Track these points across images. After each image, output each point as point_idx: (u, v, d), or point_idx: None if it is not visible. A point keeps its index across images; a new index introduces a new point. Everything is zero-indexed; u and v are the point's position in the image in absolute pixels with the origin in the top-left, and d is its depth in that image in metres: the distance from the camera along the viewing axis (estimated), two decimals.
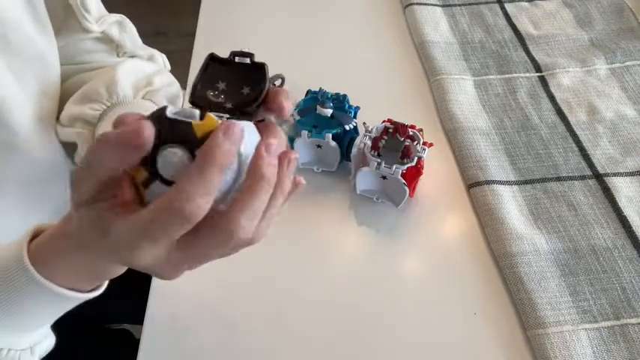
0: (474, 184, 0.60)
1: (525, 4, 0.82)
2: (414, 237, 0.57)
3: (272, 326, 0.51)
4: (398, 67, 0.75)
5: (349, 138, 0.60)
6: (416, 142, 0.57)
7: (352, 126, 0.60)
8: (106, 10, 0.60)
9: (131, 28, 0.61)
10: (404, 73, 0.74)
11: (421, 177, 0.58)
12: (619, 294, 0.52)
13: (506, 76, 0.72)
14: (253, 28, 0.81)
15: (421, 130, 0.58)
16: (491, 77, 0.72)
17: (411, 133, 0.58)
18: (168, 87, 0.61)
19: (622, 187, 0.59)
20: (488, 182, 0.59)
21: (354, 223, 0.59)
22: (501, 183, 0.60)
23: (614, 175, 0.60)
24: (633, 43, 0.74)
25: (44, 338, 0.43)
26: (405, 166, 0.55)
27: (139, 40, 0.63)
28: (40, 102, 0.53)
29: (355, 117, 0.60)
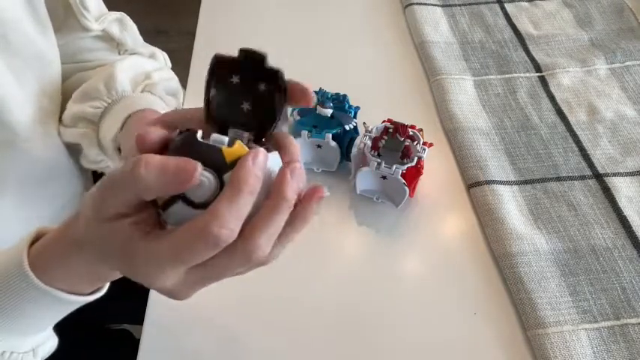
0: (474, 184, 0.60)
1: (525, 4, 0.82)
2: (414, 237, 0.57)
3: (272, 326, 0.51)
4: (398, 67, 0.75)
5: (349, 138, 0.60)
6: (416, 142, 0.57)
7: (352, 126, 0.60)
8: (107, 9, 0.60)
9: (132, 26, 0.61)
10: (404, 73, 0.74)
11: (421, 177, 0.58)
12: (619, 294, 0.52)
13: (506, 76, 0.72)
14: (253, 28, 0.81)
15: (421, 130, 0.58)
16: (491, 77, 0.72)
17: (411, 133, 0.58)
18: (167, 81, 0.61)
19: (622, 187, 0.59)
20: (488, 182, 0.59)
21: (354, 223, 0.59)
22: (501, 183, 0.60)
23: (614, 175, 0.60)
24: (633, 43, 0.74)
25: (47, 340, 0.43)
26: (405, 166, 0.55)
27: (140, 38, 0.63)
28: (40, 101, 0.53)
29: (355, 117, 0.60)
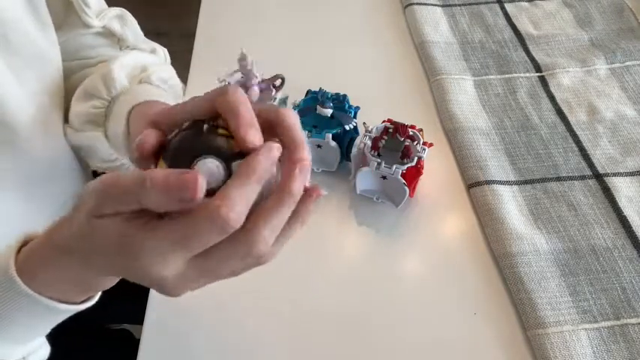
0: (474, 184, 0.60)
1: (525, 4, 0.82)
2: (414, 237, 0.57)
3: (272, 325, 0.51)
4: (398, 67, 0.75)
5: (349, 138, 0.60)
6: (416, 142, 0.57)
7: (352, 126, 0.60)
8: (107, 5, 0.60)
9: (132, 22, 0.61)
10: (404, 73, 0.74)
11: (421, 177, 0.58)
12: (619, 294, 0.52)
13: (506, 76, 0.72)
14: (253, 29, 0.81)
15: (421, 130, 0.58)
16: (491, 77, 0.72)
17: (411, 133, 0.58)
18: (164, 72, 0.60)
19: (622, 187, 0.59)
20: (488, 182, 0.59)
21: (354, 223, 0.59)
22: (501, 183, 0.60)
23: (614, 175, 0.60)
24: (633, 43, 0.74)
25: (39, 348, 0.42)
26: (405, 166, 0.55)
27: (141, 34, 0.63)
28: (41, 101, 0.53)
29: (355, 117, 0.60)
